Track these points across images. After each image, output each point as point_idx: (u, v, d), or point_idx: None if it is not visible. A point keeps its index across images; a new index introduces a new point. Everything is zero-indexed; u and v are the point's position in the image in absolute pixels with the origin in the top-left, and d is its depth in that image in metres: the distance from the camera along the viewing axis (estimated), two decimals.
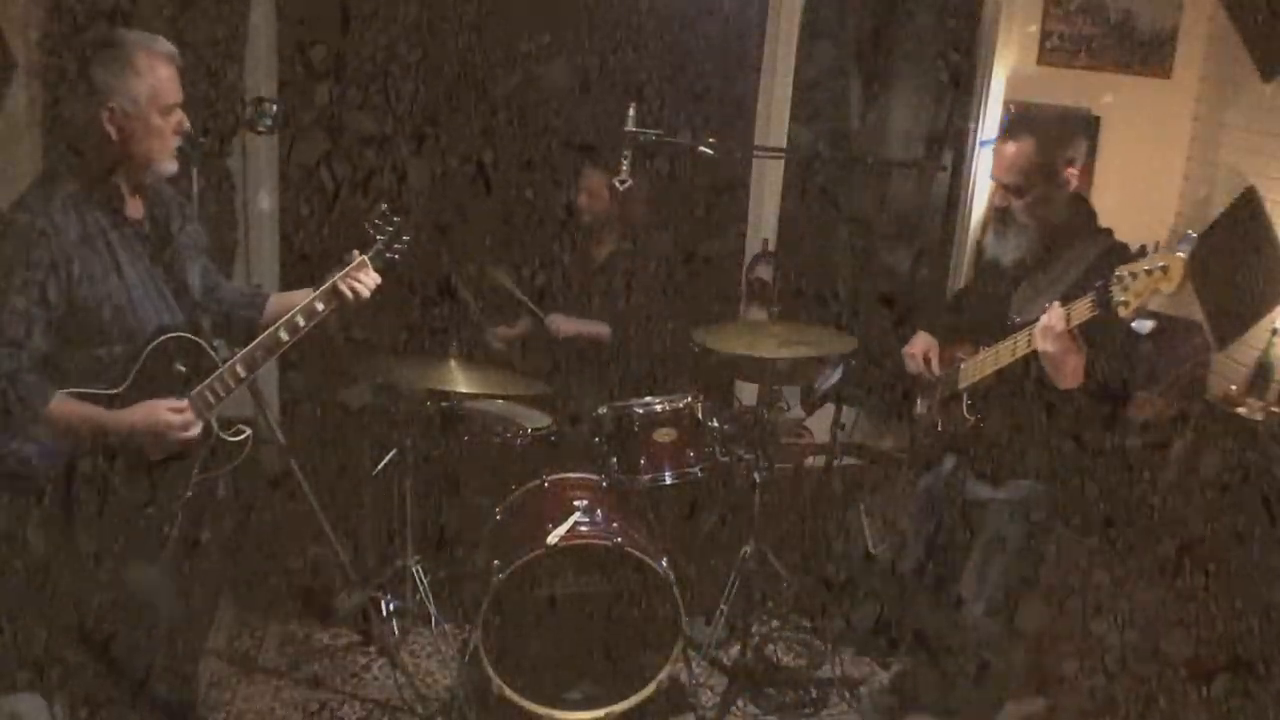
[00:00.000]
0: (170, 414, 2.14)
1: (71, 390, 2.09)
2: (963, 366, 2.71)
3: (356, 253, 2.42)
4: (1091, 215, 2.66)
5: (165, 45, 2.17)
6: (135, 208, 2.23)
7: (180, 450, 2.20)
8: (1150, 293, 2.19)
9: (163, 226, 2.26)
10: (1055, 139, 2.51)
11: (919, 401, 2.93)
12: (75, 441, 2.09)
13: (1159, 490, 3.87)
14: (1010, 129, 2.57)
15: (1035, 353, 2.42)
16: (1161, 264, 2.18)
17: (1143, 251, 2.23)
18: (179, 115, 2.18)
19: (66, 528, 2.12)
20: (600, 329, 3.74)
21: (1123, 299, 2.20)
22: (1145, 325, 2.05)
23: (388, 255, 2.46)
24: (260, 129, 3.38)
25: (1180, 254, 2.21)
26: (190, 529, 2.29)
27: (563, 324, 3.72)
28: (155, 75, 2.12)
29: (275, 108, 3.39)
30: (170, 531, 2.21)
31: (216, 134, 3.78)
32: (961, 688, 2.92)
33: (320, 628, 3.29)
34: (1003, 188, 2.57)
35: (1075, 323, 2.32)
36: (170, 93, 2.15)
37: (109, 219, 2.15)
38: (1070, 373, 2.37)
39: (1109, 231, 2.65)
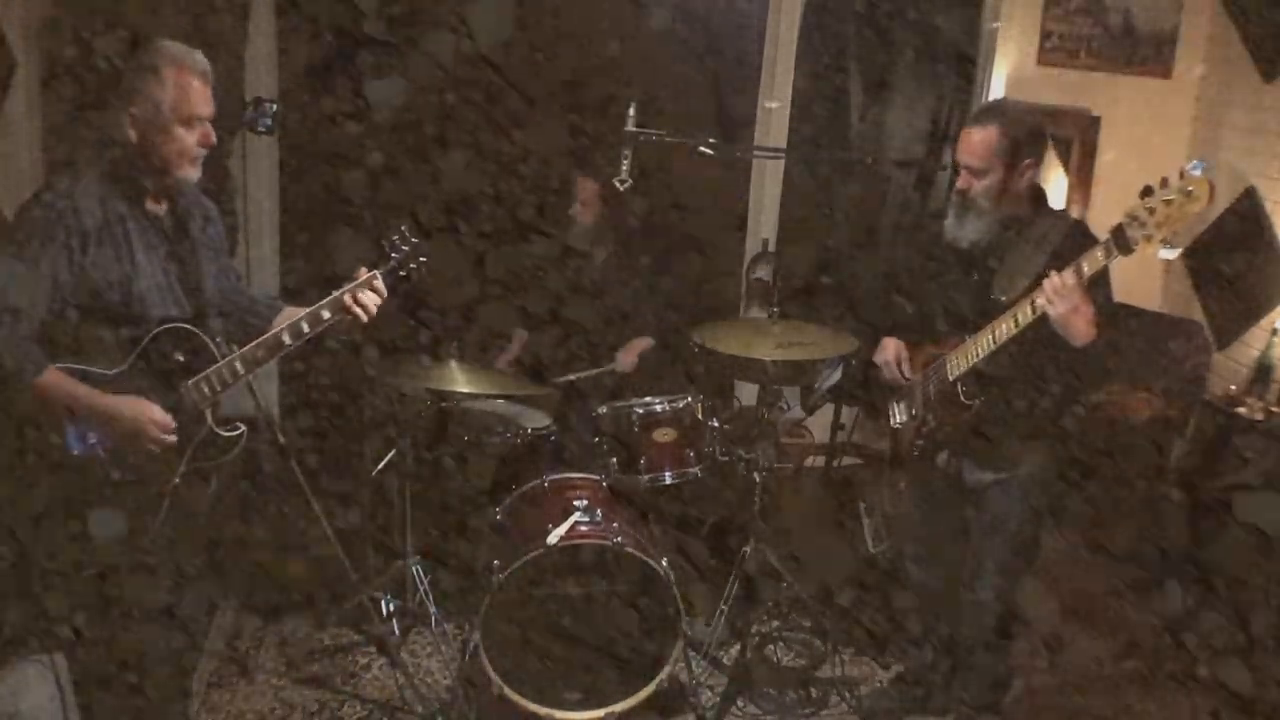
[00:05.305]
0: (156, 413, 2.19)
1: (67, 365, 2.14)
2: (950, 359, 2.71)
3: (364, 270, 2.43)
4: (1045, 198, 2.72)
5: (199, 60, 2.22)
6: (157, 203, 2.28)
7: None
8: (1180, 220, 2.19)
9: (183, 224, 2.32)
10: (1018, 130, 2.57)
11: (898, 408, 2.92)
12: (58, 415, 2.13)
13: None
14: (979, 116, 2.64)
15: (1032, 324, 2.45)
16: (1188, 187, 2.17)
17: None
18: (205, 128, 2.23)
19: (57, 505, 2.17)
20: (645, 342, 3.74)
21: (1142, 234, 2.23)
22: (1173, 252, 2.05)
23: (401, 274, 2.47)
24: (260, 129, 3.39)
25: (1196, 173, 2.18)
26: (180, 518, 2.30)
27: (625, 358, 3.70)
28: (182, 87, 2.18)
29: (275, 108, 3.39)
30: (158, 517, 2.23)
31: (216, 134, 3.76)
32: (967, 674, 2.93)
33: (320, 628, 3.29)
34: (965, 170, 2.63)
35: (1090, 274, 2.36)
36: (196, 106, 2.20)
37: (129, 209, 2.22)
38: (1085, 327, 2.41)
39: (1064, 211, 2.72)
